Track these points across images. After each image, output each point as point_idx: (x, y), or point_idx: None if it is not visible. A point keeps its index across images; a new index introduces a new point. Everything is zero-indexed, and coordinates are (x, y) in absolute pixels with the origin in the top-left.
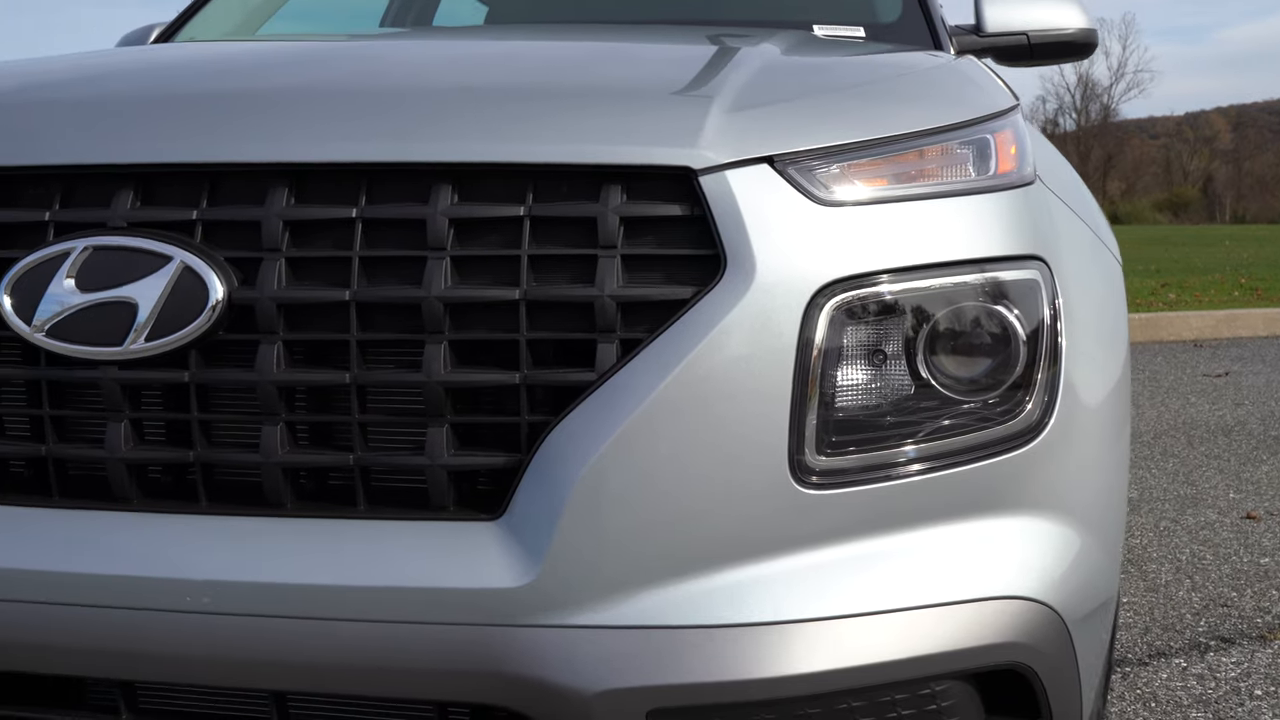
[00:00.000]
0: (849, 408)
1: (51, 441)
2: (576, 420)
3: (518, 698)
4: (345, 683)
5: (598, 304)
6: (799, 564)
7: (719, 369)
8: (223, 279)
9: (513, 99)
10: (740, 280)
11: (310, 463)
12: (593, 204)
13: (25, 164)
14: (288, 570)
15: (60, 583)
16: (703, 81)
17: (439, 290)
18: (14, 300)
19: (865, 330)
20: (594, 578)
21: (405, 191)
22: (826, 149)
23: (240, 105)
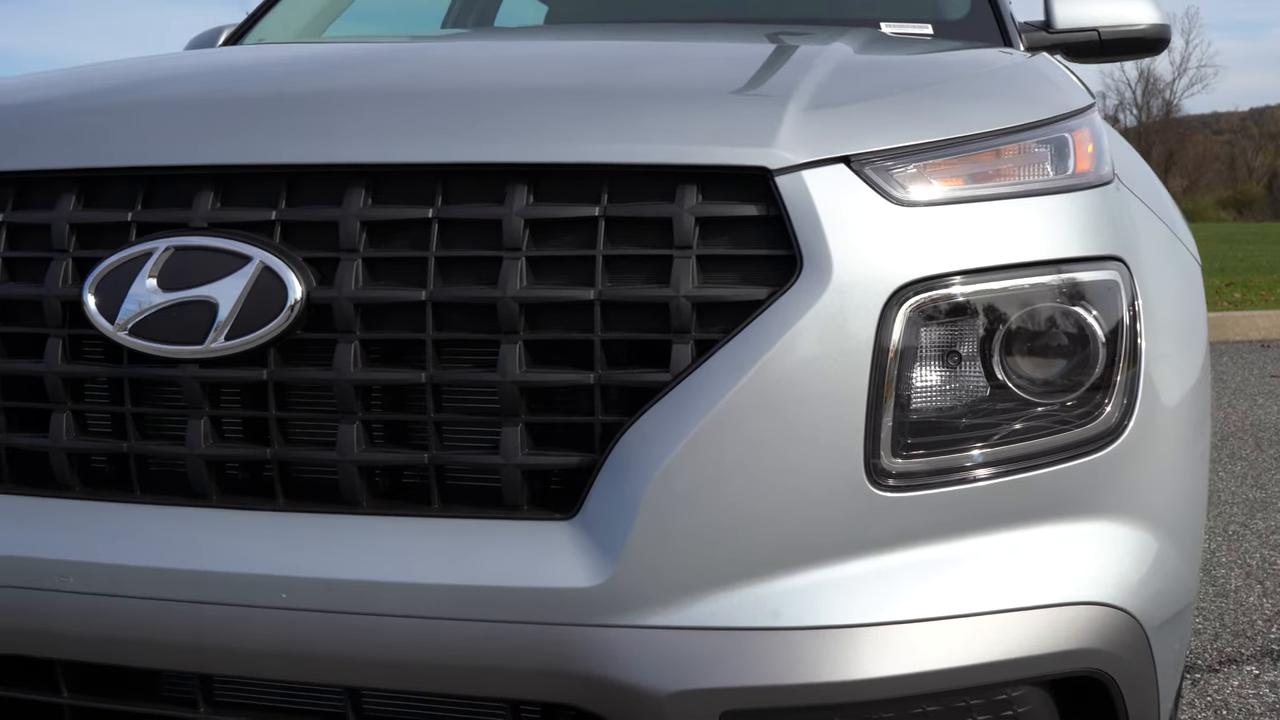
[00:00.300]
0: (925, 410)
1: (133, 438)
2: (651, 421)
3: (591, 697)
4: (418, 680)
5: (673, 304)
6: (874, 567)
7: (794, 370)
8: (301, 279)
9: (587, 99)
10: (816, 281)
11: (386, 461)
12: (668, 204)
13: (108, 165)
14: (363, 567)
15: (139, 577)
16: (778, 81)
17: (514, 290)
18: (98, 299)
19: (942, 331)
20: (668, 578)
21: (481, 192)
22: (903, 148)
23: (318, 106)
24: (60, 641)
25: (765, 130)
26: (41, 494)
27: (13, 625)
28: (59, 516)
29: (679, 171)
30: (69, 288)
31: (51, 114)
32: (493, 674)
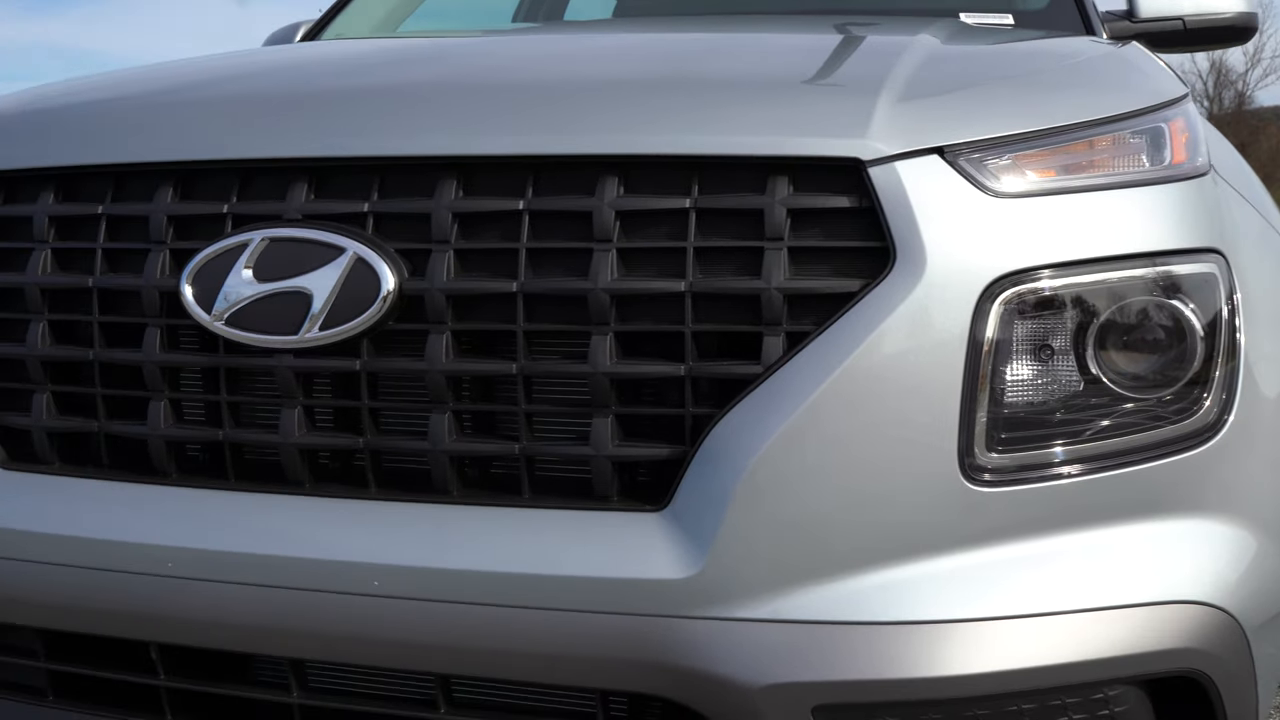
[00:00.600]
0: (1020, 404)
1: (228, 426)
2: (742, 413)
3: (682, 689)
4: (508, 668)
5: (764, 296)
6: (968, 562)
7: (888, 363)
8: (394, 270)
9: (676, 90)
10: (910, 273)
11: (477, 451)
12: (759, 196)
13: (204, 158)
14: (454, 556)
15: (236, 563)
16: (868, 72)
17: (605, 282)
18: (195, 290)
19: (1037, 325)
20: (759, 571)
21: (572, 184)
22: (997, 139)
23: (409, 99)
24: (159, 625)
25: (858, 121)
26: (140, 480)
27: (114, 609)
28: (158, 503)
29: (770, 163)
30: (167, 278)
31: (146, 108)
32: (582, 664)
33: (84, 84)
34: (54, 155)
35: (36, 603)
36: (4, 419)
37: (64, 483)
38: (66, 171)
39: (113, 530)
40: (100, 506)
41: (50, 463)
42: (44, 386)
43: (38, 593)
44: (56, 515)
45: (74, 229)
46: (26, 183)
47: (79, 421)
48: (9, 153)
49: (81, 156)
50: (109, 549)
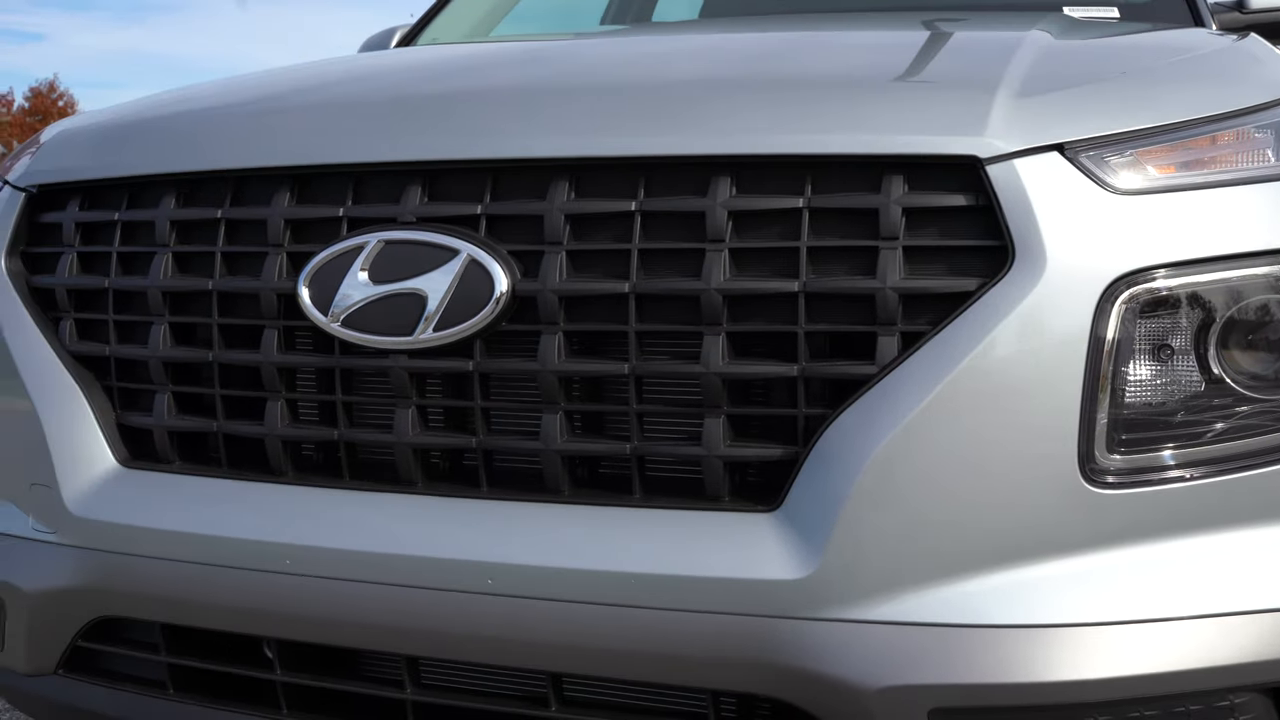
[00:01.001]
0: (1140, 405)
1: (344, 426)
2: (856, 413)
3: (795, 691)
4: (619, 667)
5: (879, 296)
6: (1088, 566)
7: (1006, 363)
8: (507, 271)
9: (787, 90)
10: (1030, 272)
11: (588, 451)
12: (874, 195)
13: (319, 163)
14: (567, 555)
15: (351, 561)
16: (983, 68)
17: (718, 282)
18: (312, 292)
19: (1159, 325)
20: (874, 573)
21: (684, 184)
22: (1118, 135)
23: (520, 102)
24: (276, 621)
25: (975, 118)
26: (256, 479)
27: (232, 605)
28: (275, 501)
29: (885, 161)
30: (284, 281)
31: (262, 114)
32: (694, 664)
33: (199, 91)
34: (174, 161)
35: (157, 597)
36: (126, 418)
37: (183, 481)
38: (187, 177)
39: (231, 528)
40: (219, 504)
41: (170, 461)
42: (165, 387)
43: (159, 588)
44: (177, 512)
45: (194, 233)
46: (148, 188)
47: (198, 421)
48: (132, 159)
49: (202, 162)
50: (228, 546)
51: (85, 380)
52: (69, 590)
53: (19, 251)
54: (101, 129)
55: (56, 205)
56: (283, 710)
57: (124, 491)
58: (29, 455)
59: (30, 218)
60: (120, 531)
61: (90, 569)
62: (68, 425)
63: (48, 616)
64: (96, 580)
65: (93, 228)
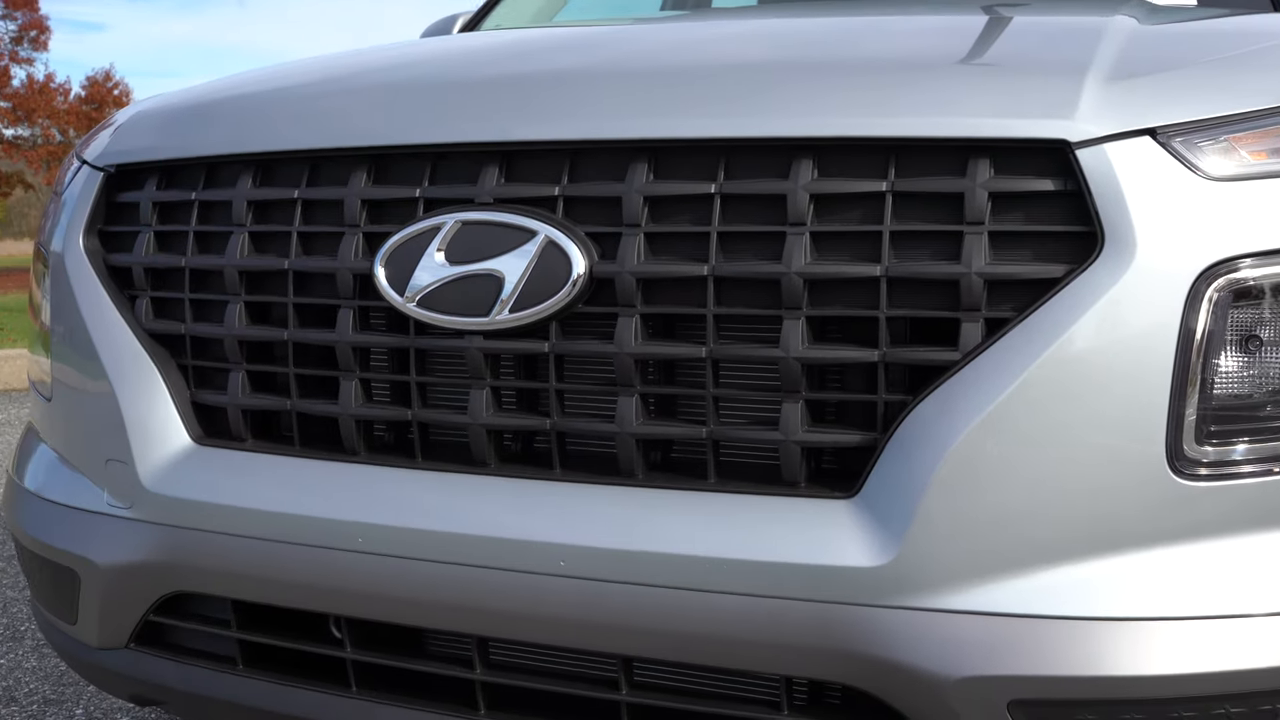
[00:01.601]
0: (1233, 396)
1: (417, 406)
2: (938, 400)
3: (872, 679)
4: (692, 652)
5: (964, 281)
6: (1175, 559)
7: (1093, 351)
8: (584, 253)
9: (869, 72)
10: (1119, 259)
11: (664, 434)
12: (959, 179)
13: (397, 143)
14: (641, 538)
15: (425, 541)
16: (1070, 52)
17: (799, 266)
18: (388, 272)
19: (1250, 314)
20: (954, 562)
21: (765, 167)
22: (1211, 120)
23: (597, 83)
24: (347, 599)
25: (1065, 102)
26: (329, 458)
27: (304, 582)
28: (347, 480)
29: (971, 145)
30: (361, 261)
31: (339, 94)
32: (767, 649)
33: (275, 72)
34: (251, 141)
35: (229, 574)
36: (201, 396)
37: (257, 459)
38: (264, 157)
39: (303, 505)
40: (291, 482)
41: (243, 439)
42: (240, 365)
43: (231, 564)
44: (250, 490)
45: (270, 213)
46: (225, 168)
47: (272, 400)
48: (209, 139)
49: (279, 142)
50: (301, 523)
51: (161, 358)
52: (142, 565)
53: (96, 230)
54: (178, 109)
55: (134, 185)
56: (351, 687)
57: (198, 468)
58: (105, 431)
59: (108, 197)
60: (194, 508)
61: (164, 545)
62: (143, 402)
63: (121, 591)
64: (170, 556)
65: (169, 207)
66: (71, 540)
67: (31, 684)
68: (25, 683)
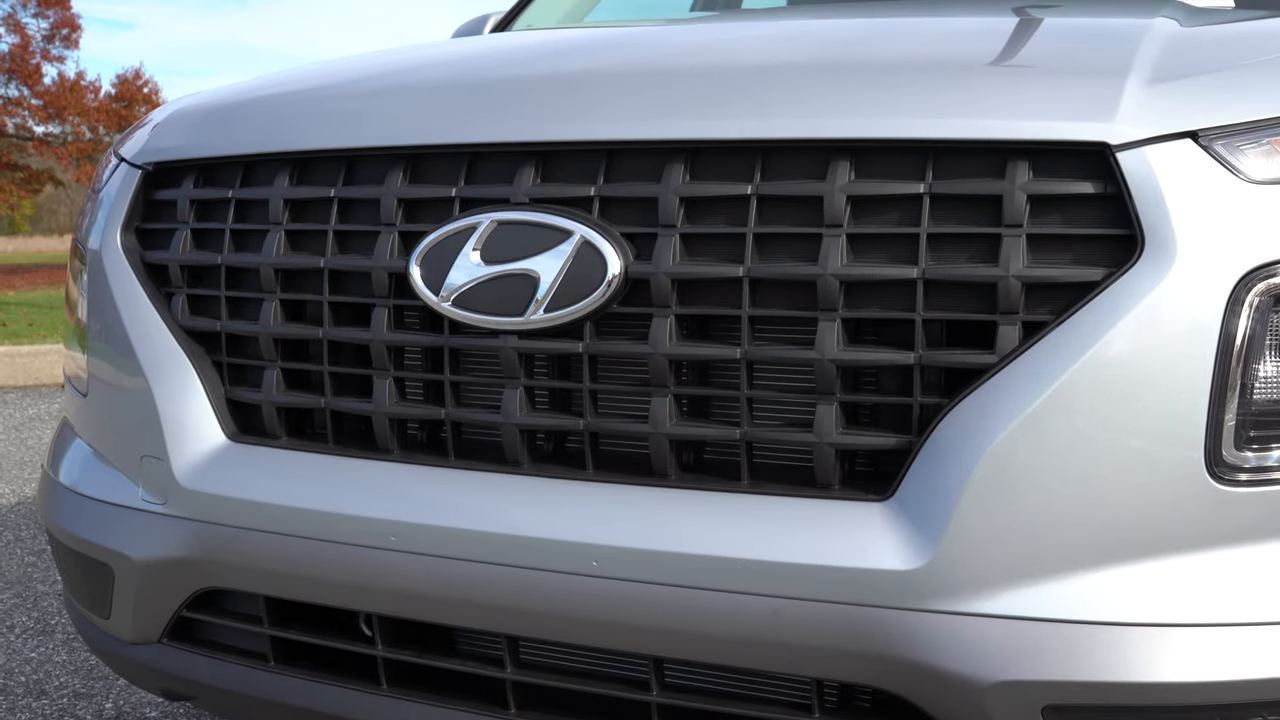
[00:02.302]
0: (1273, 402)
1: (451, 405)
2: (974, 403)
3: (905, 683)
4: (724, 654)
5: (1001, 284)
6: (1214, 565)
7: (1132, 355)
8: (619, 253)
9: (906, 74)
10: (1160, 262)
11: (698, 435)
12: (998, 181)
13: (433, 143)
14: (674, 539)
15: (457, 540)
16: (1109, 54)
17: (835, 268)
18: (423, 271)
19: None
20: (990, 566)
21: (802, 168)
22: (1254, 123)
23: (633, 83)
24: (379, 596)
25: (1105, 103)
26: (363, 456)
27: (337, 579)
28: (381, 478)
29: (1010, 147)
30: (396, 260)
31: (375, 93)
32: (800, 652)
33: (310, 71)
34: (289, 140)
35: (263, 570)
36: (235, 393)
37: (290, 456)
38: (301, 156)
39: (337, 503)
40: (324, 480)
41: (278, 436)
42: (275, 363)
43: (264, 561)
44: (284, 487)
45: (307, 211)
46: (262, 166)
47: (306, 397)
48: (246, 137)
49: (316, 141)
50: (334, 521)
51: (196, 355)
52: (176, 560)
53: (134, 227)
54: (215, 108)
55: (171, 182)
56: (382, 685)
57: (232, 465)
58: (140, 427)
59: (145, 194)
60: (227, 504)
61: (197, 540)
62: (178, 399)
63: (155, 586)
64: (203, 552)
65: (206, 205)
66: (106, 535)
67: (62, 677)
68: (55, 676)
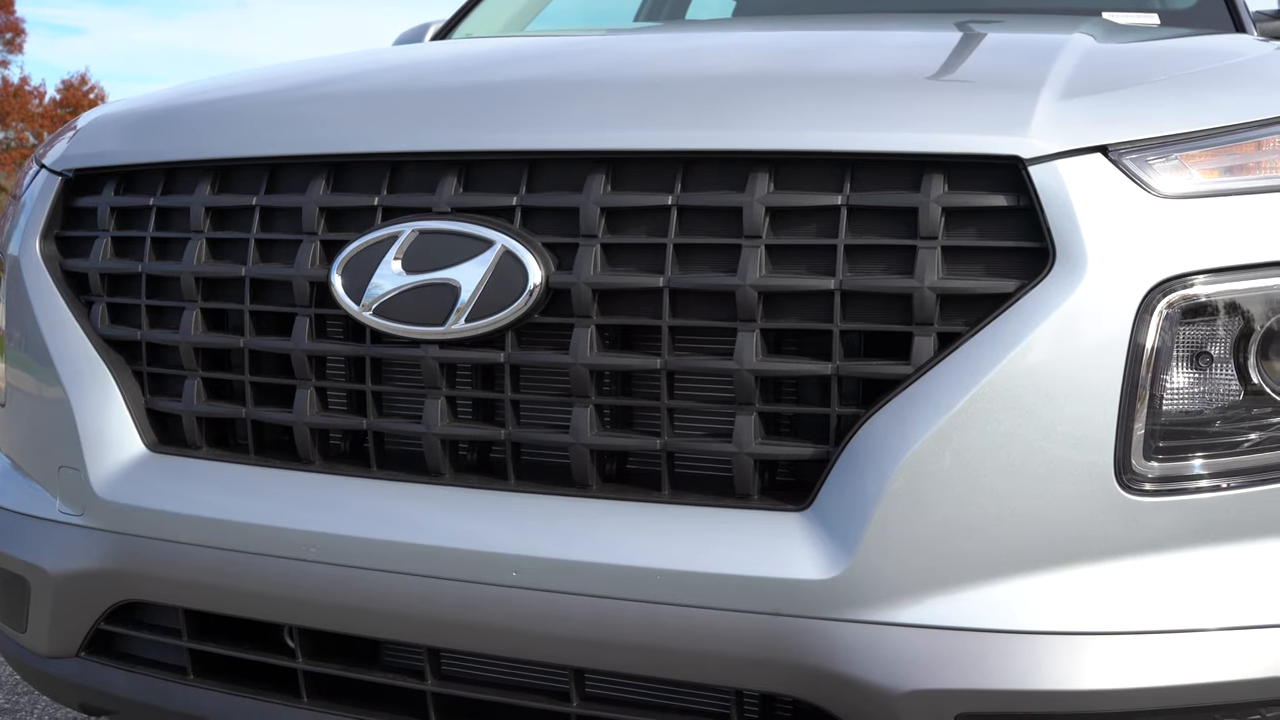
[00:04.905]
0: (1179, 413)
1: (372, 415)
2: (890, 414)
3: (820, 692)
4: (643, 664)
5: (916, 295)
6: (1122, 574)
7: (1043, 366)
8: (541, 263)
9: (826, 86)
10: (1070, 274)
11: (618, 446)
12: (913, 193)
13: (355, 152)
14: (593, 550)
15: (377, 551)
16: (1025, 69)
17: (754, 278)
18: (345, 280)
19: (1199, 331)
20: (904, 575)
21: (721, 179)
22: (1162, 139)
23: (556, 94)
24: (298, 608)
25: (1018, 118)
26: (284, 466)
27: (256, 591)
28: (301, 489)
29: (925, 160)
30: (318, 269)
31: (298, 102)
32: (719, 662)
33: (235, 79)
34: (210, 148)
35: (181, 582)
36: (155, 403)
37: (211, 467)
38: (222, 164)
39: (256, 514)
40: (245, 491)
41: (198, 447)
42: (195, 372)
43: (183, 573)
44: (203, 498)
45: (228, 219)
46: (184, 174)
47: (227, 407)
48: (168, 145)
49: (237, 149)
50: (253, 532)
51: (115, 364)
52: (94, 573)
53: (53, 235)
54: (138, 114)
55: (92, 190)
56: (303, 698)
57: (151, 476)
58: (58, 437)
59: (65, 201)
60: (146, 515)
61: (115, 552)
62: (97, 409)
63: (72, 599)
64: (121, 564)
65: (127, 212)
66: (23, 547)
67: None
68: None
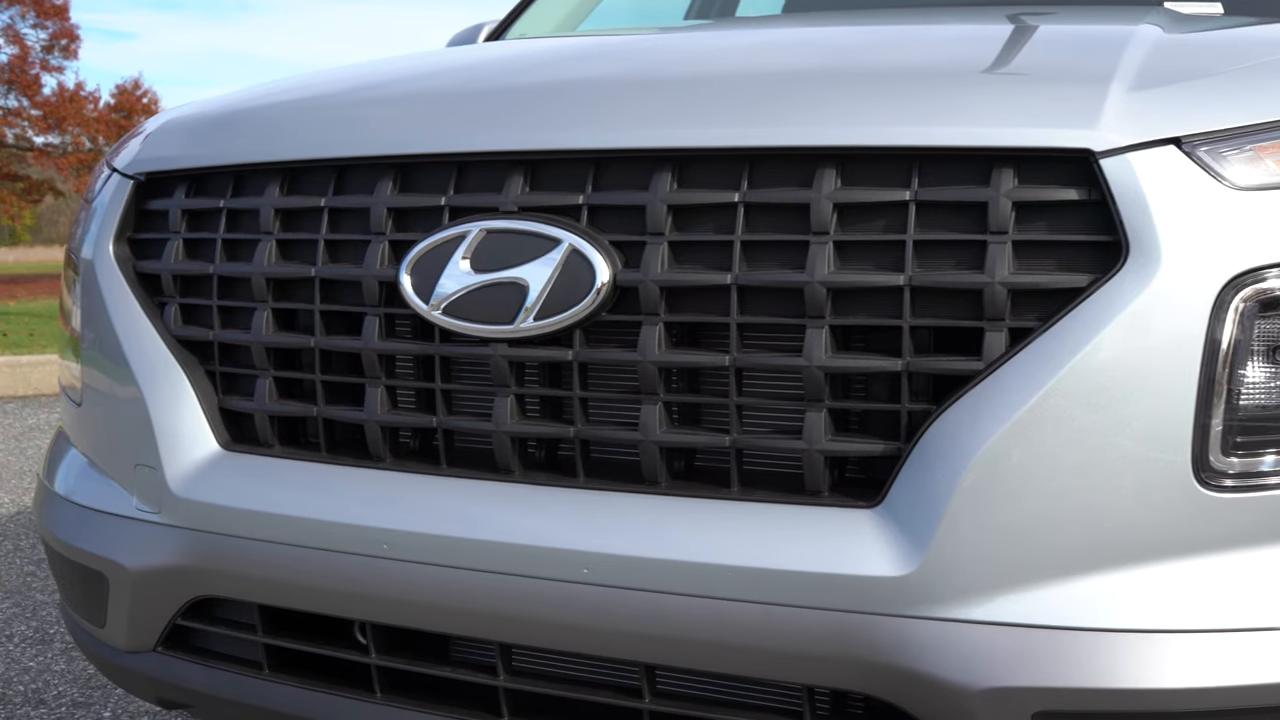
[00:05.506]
0: (1257, 407)
1: (442, 413)
2: (962, 410)
3: (895, 689)
4: (715, 660)
5: (987, 291)
6: (1202, 570)
7: (1118, 361)
8: (608, 261)
9: (892, 81)
10: (1144, 269)
11: (687, 443)
12: (983, 188)
13: (423, 152)
14: (665, 547)
15: (450, 548)
16: (1094, 61)
17: (822, 275)
18: (414, 280)
19: (1276, 325)
20: (978, 572)
21: (788, 176)
22: (1237, 129)
23: (622, 92)
24: (372, 604)
25: (1089, 111)
26: (355, 464)
27: (330, 588)
28: (373, 486)
29: (995, 154)
30: (386, 269)
31: (364, 104)
32: (790, 658)
33: (301, 81)
34: (278, 150)
35: (255, 578)
36: (228, 402)
37: (283, 465)
38: (291, 166)
39: (329, 511)
40: (317, 488)
41: (270, 445)
42: (267, 372)
43: (258, 569)
44: (276, 495)
45: (298, 220)
46: (253, 176)
47: (299, 406)
48: (237, 147)
49: (305, 151)
50: (326, 529)
51: (189, 364)
52: (171, 569)
53: (126, 237)
54: (207, 118)
55: (163, 192)
56: (375, 692)
57: (225, 474)
58: (134, 436)
59: (137, 204)
60: (221, 513)
61: (191, 549)
62: (171, 408)
63: (149, 595)
64: (197, 560)
65: (198, 214)
66: (101, 544)
67: (60, 686)
68: (54, 685)
